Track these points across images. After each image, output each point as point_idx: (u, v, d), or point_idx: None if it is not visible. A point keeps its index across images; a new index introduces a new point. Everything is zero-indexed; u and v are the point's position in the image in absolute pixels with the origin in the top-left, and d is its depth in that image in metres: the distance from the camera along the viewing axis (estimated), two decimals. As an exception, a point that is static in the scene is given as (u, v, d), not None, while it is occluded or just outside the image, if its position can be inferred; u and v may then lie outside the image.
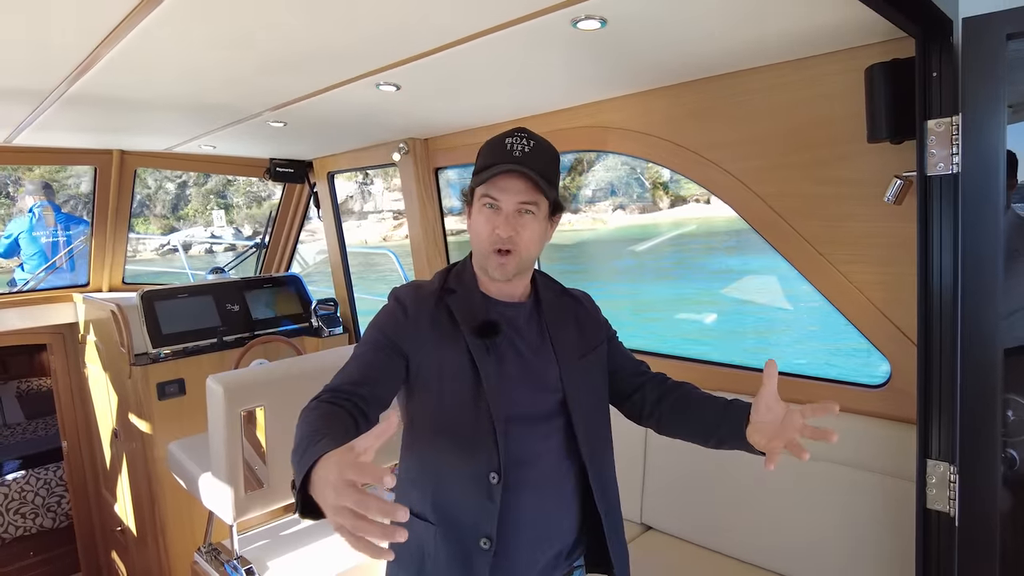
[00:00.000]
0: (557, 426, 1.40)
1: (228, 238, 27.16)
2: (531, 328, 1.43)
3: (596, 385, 1.50)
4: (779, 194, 2.07)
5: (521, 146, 1.33)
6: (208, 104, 2.44)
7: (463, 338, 1.34)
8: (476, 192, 1.36)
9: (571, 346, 1.45)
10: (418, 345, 1.34)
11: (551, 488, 1.39)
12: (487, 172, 1.31)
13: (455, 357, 1.34)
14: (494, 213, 1.32)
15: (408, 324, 1.35)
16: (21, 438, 5.54)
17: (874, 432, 1.96)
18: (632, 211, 30.51)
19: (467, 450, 1.30)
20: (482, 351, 1.34)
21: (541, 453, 1.37)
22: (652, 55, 1.90)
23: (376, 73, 2.01)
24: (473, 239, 1.38)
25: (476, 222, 1.36)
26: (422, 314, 1.36)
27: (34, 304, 3.96)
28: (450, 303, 1.38)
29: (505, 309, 1.41)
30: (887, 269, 1.88)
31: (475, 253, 1.40)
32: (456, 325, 1.36)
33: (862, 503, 1.96)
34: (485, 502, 1.30)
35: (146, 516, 3.41)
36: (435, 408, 1.35)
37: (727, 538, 2.26)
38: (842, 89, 1.85)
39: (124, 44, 1.68)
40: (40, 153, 3.42)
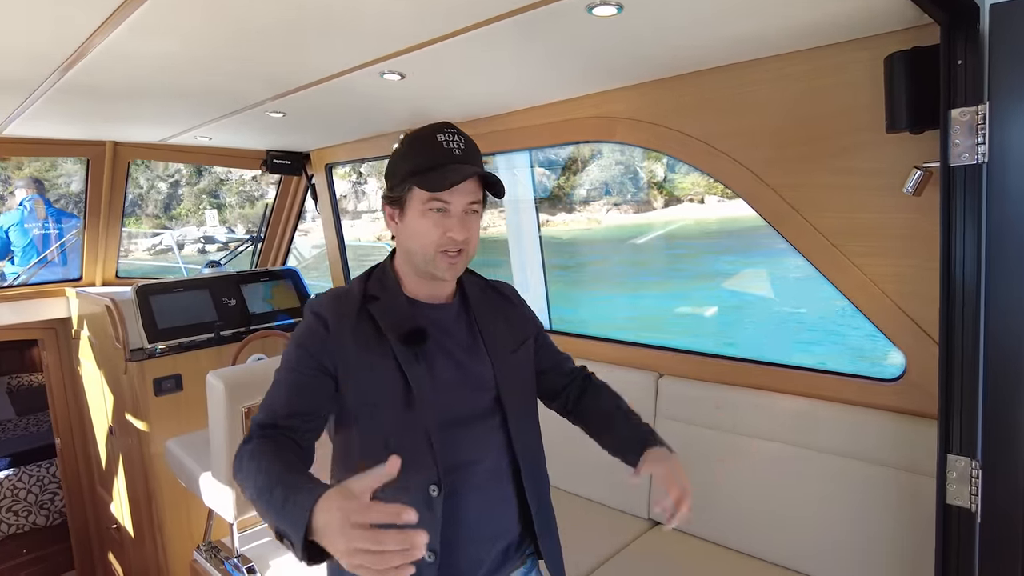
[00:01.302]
0: (493, 425, 1.38)
1: (221, 237, 26.99)
2: (460, 327, 1.41)
3: (527, 379, 1.51)
4: (792, 185, 2.03)
5: (456, 143, 1.30)
6: (205, 93, 2.38)
7: (390, 348, 1.29)
8: (418, 194, 1.27)
9: (502, 342, 1.43)
10: (344, 361, 1.28)
11: (491, 487, 1.37)
12: (437, 175, 1.25)
13: (384, 369, 1.29)
14: (443, 216, 1.28)
15: (331, 340, 1.28)
16: (12, 435, 5.46)
17: (888, 426, 1.93)
18: (626, 210, 30.60)
19: (405, 466, 1.20)
20: (411, 360, 1.29)
21: (479, 454, 1.36)
22: (665, 43, 1.86)
23: (381, 61, 1.95)
24: (415, 241, 1.30)
25: (421, 224, 1.28)
26: (344, 327, 1.29)
27: (25, 299, 3.89)
28: (373, 312, 1.32)
29: (432, 312, 1.38)
30: (903, 261, 1.85)
31: (415, 255, 1.32)
32: (382, 335, 1.30)
33: (876, 499, 1.94)
34: (426, 515, 1.25)
35: (143, 514, 3.36)
36: (367, 425, 1.31)
37: (737, 534, 2.24)
38: (858, 78, 1.82)
39: (118, 33, 1.63)
40: (32, 144, 3.35)
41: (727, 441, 2.26)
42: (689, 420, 2.36)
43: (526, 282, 3.20)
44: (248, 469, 1.14)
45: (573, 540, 2.38)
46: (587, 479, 2.70)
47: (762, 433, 2.18)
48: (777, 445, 2.15)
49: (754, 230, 17.13)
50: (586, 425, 1.65)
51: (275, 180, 4.31)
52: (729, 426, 2.25)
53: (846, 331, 11.58)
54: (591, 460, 2.68)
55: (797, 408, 2.13)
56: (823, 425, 2.06)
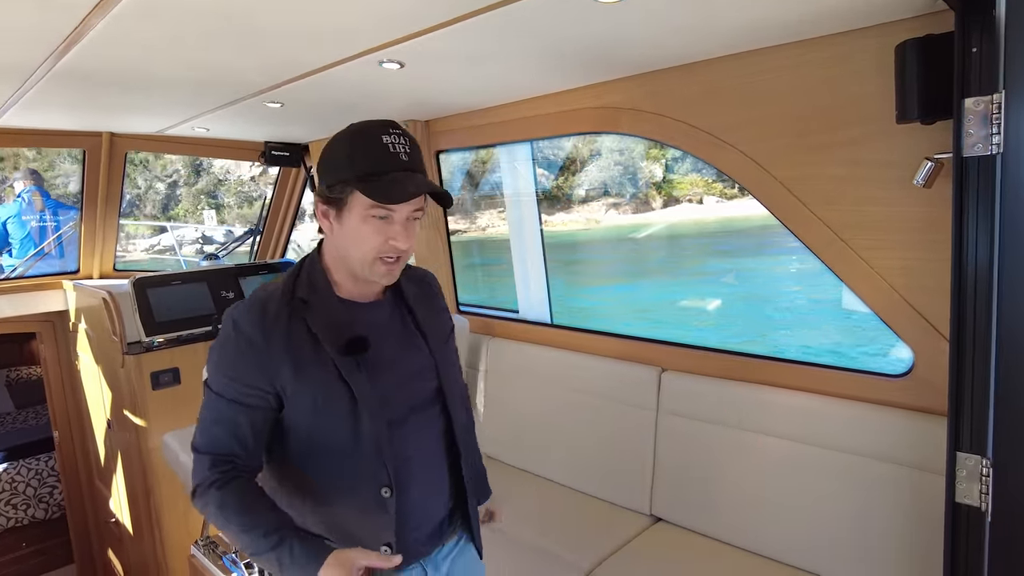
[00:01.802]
0: (434, 413, 1.41)
1: (219, 238, 26.91)
2: (395, 323, 1.40)
3: (457, 365, 1.53)
4: (798, 177, 2.00)
5: (402, 146, 1.24)
6: (202, 83, 2.34)
7: (328, 357, 1.26)
8: (359, 198, 1.22)
9: (437, 332, 1.45)
10: (283, 379, 1.25)
11: (430, 473, 1.41)
12: (383, 183, 1.20)
13: (324, 382, 1.26)
14: (386, 223, 1.24)
15: (262, 357, 1.24)
16: (11, 428, 5.45)
17: (895, 423, 1.90)
18: (625, 211, 30.63)
19: (354, 476, 1.27)
20: (352, 369, 1.27)
21: (422, 444, 1.39)
22: (669, 31, 1.82)
23: (379, 50, 1.91)
24: (354, 246, 1.26)
25: (362, 230, 1.24)
26: (275, 342, 1.24)
27: (23, 291, 3.86)
28: (307, 319, 1.27)
29: (367, 312, 1.36)
30: (912, 255, 1.82)
31: (352, 260, 1.28)
32: (319, 346, 1.26)
33: (883, 496, 1.91)
34: (380, 515, 1.31)
35: (141, 508, 3.34)
36: (311, 441, 1.30)
37: (742, 531, 2.21)
38: (867, 67, 1.78)
39: (112, 16, 1.59)
40: (28, 135, 3.31)
41: (731, 437, 2.23)
42: (693, 416, 2.33)
43: (527, 276, 3.16)
44: (224, 519, 1.22)
45: (574, 537, 2.36)
46: (587, 475, 2.68)
47: (766, 429, 2.15)
48: (782, 441, 2.12)
49: (748, 231, 19.55)
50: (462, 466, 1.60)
51: (273, 181, 4.29)
52: (733, 422, 2.22)
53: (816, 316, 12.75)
54: (591, 456, 2.67)
55: (802, 404, 2.10)
56: (828, 421, 2.03)
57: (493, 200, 29.99)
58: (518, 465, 2.97)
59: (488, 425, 3.12)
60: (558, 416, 2.80)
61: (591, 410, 2.66)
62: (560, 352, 2.84)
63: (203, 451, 1.26)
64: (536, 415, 2.89)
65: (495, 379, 3.09)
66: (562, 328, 2.96)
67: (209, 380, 1.29)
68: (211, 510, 1.23)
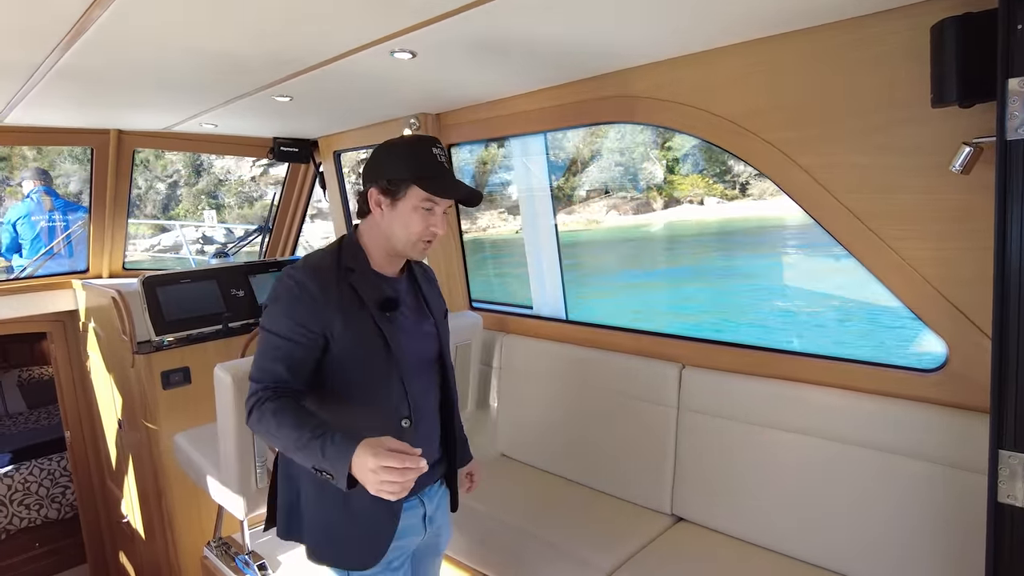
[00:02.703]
0: (436, 370, 1.79)
1: (220, 238, 27.04)
2: (411, 296, 1.76)
3: (449, 336, 1.90)
4: (824, 165, 1.93)
5: (444, 158, 1.60)
6: (210, 77, 2.29)
7: (369, 312, 1.59)
8: (415, 192, 1.56)
9: (438, 307, 1.84)
10: (332, 324, 1.56)
11: (431, 419, 1.78)
12: (437, 183, 1.56)
13: (365, 330, 1.59)
14: (430, 213, 1.59)
15: (319, 310, 1.55)
16: (24, 428, 5.45)
17: (928, 419, 1.83)
18: (625, 211, 30.64)
19: (383, 405, 1.60)
20: (386, 321, 1.61)
21: (429, 393, 1.76)
22: (690, 17, 1.75)
23: (391, 38, 1.86)
24: (402, 228, 1.59)
25: (412, 217, 1.58)
26: (329, 294, 1.56)
27: (33, 291, 3.84)
28: (353, 282, 1.60)
29: (394, 283, 1.70)
30: (946, 244, 1.75)
31: (399, 239, 1.61)
32: (360, 301, 1.59)
33: (916, 495, 1.84)
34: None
35: (153, 509, 3.31)
36: (356, 377, 1.60)
37: (766, 531, 2.15)
38: (896, 50, 1.71)
39: (115, 8, 1.54)
40: (34, 133, 3.28)
41: (755, 434, 2.17)
42: (715, 413, 2.27)
43: (542, 273, 3.10)
44: (274, 426, 1.45)
45: (595, 537, 2.31)
46: (605, 473, 2.62)
47: (792, 426, 2.09)
48: (808, 439, 2.05)
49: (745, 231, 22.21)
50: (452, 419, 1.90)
51: (274, 181, 4.25)
52: (758, 419, 2.16)
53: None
54: (609, 454, 2.61)
55: (829, 400, 2.03)
56: (857, 418, 1.97)
57: (493, 201, 29.96)
58: (534, 463, 2.92)
59: (503, 423, 3.07)
60: (574, 413, 2.74)
61: (609, 407, 2.60)
62: (576, 348, 2.78)
63: (258, 380, 1.53)
64: (552, 412, 2.84)
65: (509, 376, 3.04)
66: (578, 324, 2.91)
67: (268, 324, 1.57)
68: (265, 418, 1.46)
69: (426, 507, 1.78)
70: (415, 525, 1.76)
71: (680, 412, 2.37)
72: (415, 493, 1.74)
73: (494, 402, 3.12)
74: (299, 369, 1.54)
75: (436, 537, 1.88)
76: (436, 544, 1.91)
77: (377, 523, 1.65)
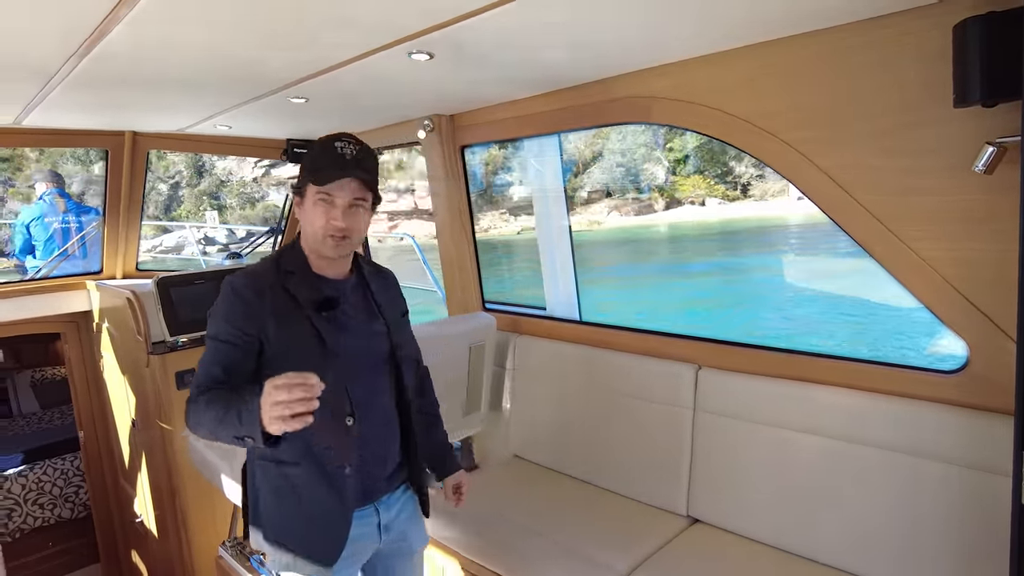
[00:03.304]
0: (388, 372, 1.79)
1: (221, 239, 27.14)
2: (358, 297, 1.77)
3: (411, 339, 1.94)
4: (843, 166, 1.92)
5: (350, 150, 1.61)
6: (227, 79, 2.30)
7: (305, 314, 1.63)
8: (311, 187, 1.62)
9: (392, 308, 1.85)
10: (266, 327, 1.60)
11: (386, 421, 1.78)
12: (325, 174, 1.59)
13: (301, 331, 1.62)
14: (330, 207, 1.61)
15: (254, 313, 1.59)
16: (37, 428, 5.48)
17: (949, 421, 1.82)
18: (627, 212, 30.61)
19: (324, 404, 1.50)
20: (324, 322, 1.65)
21: (378, 395, 1.76)
22: (708, 17, 1.75)
23: (409, 40, 1.86)
24: (307, 226, 1.66)
25: (312, 212, 1.63)
26: (265, 299, 1.61)
27: (47, 292, 3.86)
28: (289, 286, 1.65)
29: (336, 284, 1.72)
30: (967, 245, 1.74)
31: (309, 237, 1.67)
32: (297, 303, 1.63)
33: (936, 497, 1.83)
34: (344, 439, 1.67)
35: (167, 508, 3.33)
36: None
37: (784, 532, 2.14)
38: (914, 51, 1.70)
39: (134, 14, 1.55)
40: (51, 135, 3.30)
41: (772, 436, 2.16)
42: (732, 414, 2.26)
43: (555, 272, 3.10)
44: (204, 412, 1.48)
45: (611, 538, 2.30)
46: (620, 475, 2.62)
47: (810, 427, 2.08)
48: (826, 440, 2.04)
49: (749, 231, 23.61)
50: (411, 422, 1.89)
51: (276, 182, 4.26)
52: (774, 420, 2.15)
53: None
54: (623, 455, 2.61)
55: (847, 401, 2.02)
56: (875, 419, 1.96)
57: (495, 202, 29.90)
58: (548, 464, 2.92)
59: (516, 423, 3.07)
60: (588, 414, 2.74)
61: (624, 408, 2.60)
62: (590, 349, 2.77)
63: (196, 384, 1.57)
64: (566, 413, 2.84)
65: (523, 377, 3.04)
66: (591, 325, 2.90)
67: (208, 331, 1.62)
68: (198, 409, 1.50)
69: (381, 516, 1.79)
70: (369, 532, 1.77)
71: (696, 413, 2.37)
72: (370, 501, 1.76)
73: (507, 403, 3.12)
74: (236, 370, 1.58)
75: (400, 542, 1.88)
76: (404, 548, 1.91)
77: (329, 526, 1.68)
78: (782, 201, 26.49)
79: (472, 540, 2.45)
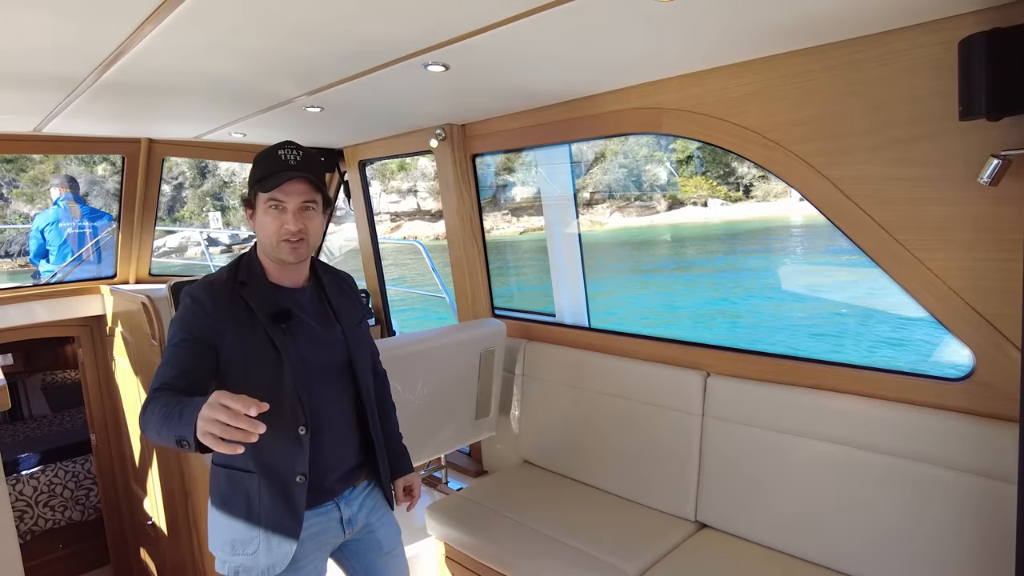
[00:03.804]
0: (345, 379, 1.81)
1: (224, 240, 27.34)
2: (315, 305, 1.79)
3: (368, 345, 1.95)
4: (851, 177, 1.96)
5: (293, 155, 1.65)
6: (245, 89, 2.35)
7: (260, 324, 1.64)
8: (260, 196, 1.65)
9: (350, 315, 1.85)
10: (222, 335, 1.62)
11: (342, 427, 1.80)
12: (271, 180, 1.62)
13: (256, 341, 1.64)
14: (280, 212, 1.64)
15: (209, 319, 1.61)
16: (48, 431, 5.53)
17: (955, 428, 1.85)
18: (629, 213, 30.64)
19: (278, 414, 1.57)
20: (277, 332, 1.66)
21: (335, 402, 1.77)
22: (719, 30, 1.79)
23: (426, 52, 1.91)
24: (262, 234, 1.68)
25: (264, 220, 1.66)
26: (220, 308, 1.63)
27: (61, 296, 3.92)
28: (245, 295, 1.66)
29: (292, 294, 1.74)
30: (973, 255, 1.77)
31: (264, 245, 1.69)
32: (253, 313, 1.65)
33: (943, 503, 1.85)
34: (297, 449, 1.68)
35: (178, 511, 3.36)
36: (246, 385, 1.57)
37: (791, 537, 2.17)
38: (921, 64, 1.74)
39: (159, 29, 1.60)
40: (70, 142, 3.36)
41: (781, 442, 2.19)
42: (740, 420, 2.29)
43: (564, 279, 3.14)
44: (151, 413, 1.44)
45: (617, 543, 2.33)
46: (628, 480, 2.64)
47: (818, 434, 2.10)
48: (833, 446, 2.07)
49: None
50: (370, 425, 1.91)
51: None
52: (783, 427, 2.18)
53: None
54: (632, 461, 2.63)
55: (855, 408, 2.05)
56: (883, 426, 1.98)
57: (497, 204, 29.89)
58: (557, 470, 2.95)
59: (526, 429, 3.10)
60: (598, 421, 2.77)
61: (632, 415, 2.63)
62: (599, 356, 2.81)
63: (152, 388, 1.55)
64: (575, 420, 2.87)
65: (532, 383, 3.07)
66: (600, 331, 2.94)
67: (168, 339, 1.63)
68: (147, 411, 1.46)
69: (342, 511, 1.83)
70: (331, 527, 1.81)
71: (705, 419, 2.39)
72: (331, 498, 1.80)
73: (517, 409, 3.15)
74: (190, 374, 1.57)
75: (369, 535, 1.91)
76: (374, 542, 1.92)
77: (278, 535, 1.69)
78: (784, 202, 26.58)
79: (481, 544, 2.48)
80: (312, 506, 1.76)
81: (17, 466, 4.78)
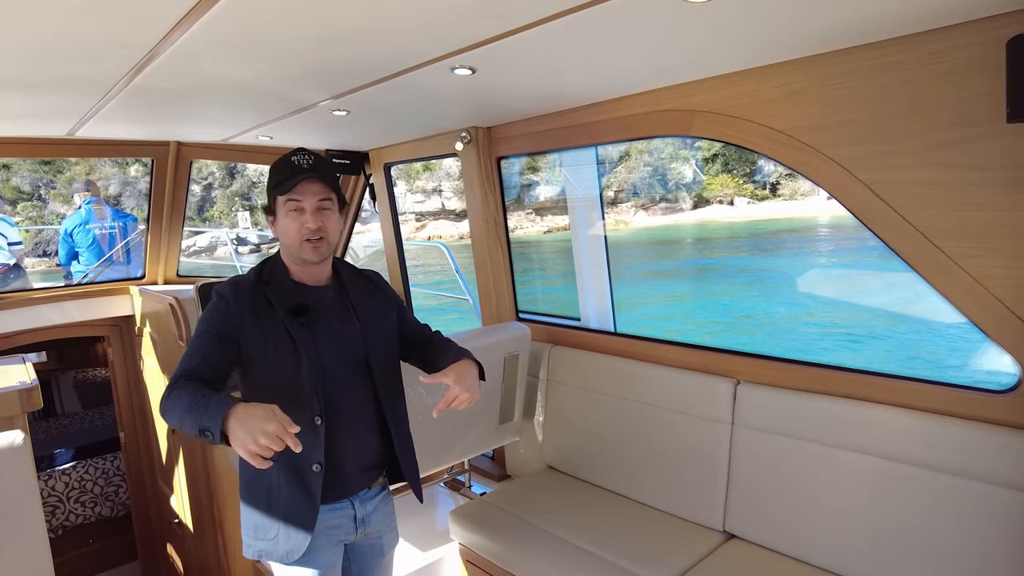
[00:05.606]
0: (362, 375, 1.86)
1: (253, 239, 27.80)
2: (337, 302, 1.87)
3: (390, 343, 1.97)
4: (889, 181, 1.89)
5: (306, 160, 1.75)
6: (273, 94, 2.36)
7: (279, 318, 1.74)
8: (279, 200, 1.76)
9: (371, 313, 1.91)
10: (243, 329, 1.72)
11: (361, 422, 1.86)
12: (287, 183, 1.73)
13: (274, 333, 1.73)
14: (299, 213, 1.75)
15: (232, 314, 1.72)
16: (79, 427, 5.63)
17: (999, 442, 1.78)
18: (654, 212, 30.40)
19: (296, 403, 1.66)
20: (297, 327, 1.74)
21: (351, 395, 1.83)
22: (753, 31, 1.74)
23: (453, 55, 1.89)
24: (284, 237, 1.79)
25: (285, 223, 1.77)
26: (243, 304, 1.73)
27: (92, 296, 3.99)
28: (267, 293, 1.77)
29: (313, 291, 1.84)
30: (1018, 262, 1.70)
31: (287, 247, 1.79)
32: (273, 308, 1.75)
33: (985, 519, 1.78)
34: (313, 438, 1.74)
35: (204, 510, 3.39)
36: (266, 375, 1.75)
37: (824, 551, 2.11)
38: (963, 65, 1.67)
39: (191, 33, 1.60)
40: (101, 146, 3.41)
41: (813, 452, 2.13)
42: (771, 430, 2.24)
43: (590, 283, 3.10)
44: (176, 399, 1.53)
45: (644, 553, 2.29)
46: (655, 488, 2.60)
47: (852, 445, 2.04)
48: (869, 458, 2.01)
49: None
50: (426, 363, 2.01)
51: None
52: (815, 437, 2.12)
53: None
54: (659, 469, 2.59)
55: (892, 419, 1.98)
56: (921, 438, 1.92)
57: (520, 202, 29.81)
58: (581, 476, 2.92)
59: (550, 434, 3.07)
60: (624, 428, 2.73)
61: (659, 422, 2.58)
62: (625, 361, 2.77)
63: (175, 375, 1.64)
64: (600, 426, 2.83)
65: (557, 388, 3.04)
66: (627, 337, 2.89)
67: (194, 332, 1.74)
68: (171, 397, 1.55)
69: (356, 509, 1.89)
70: (345, 524, 1.88)
71: (735, 428, 2.34)
72: (345, 496, 1.88)
73: (541, 414, 3.13)
74: (212, 361, 1.67)
75: (376, 539, 1.99)
76: (377, 546, 2.00)
77: (296, 521, 1.78)
78: (812, 200, 26.08)
79: (505, 551, 2.46)
80: (328, 501, 1.82)
81: (53, 461, 4.88)
